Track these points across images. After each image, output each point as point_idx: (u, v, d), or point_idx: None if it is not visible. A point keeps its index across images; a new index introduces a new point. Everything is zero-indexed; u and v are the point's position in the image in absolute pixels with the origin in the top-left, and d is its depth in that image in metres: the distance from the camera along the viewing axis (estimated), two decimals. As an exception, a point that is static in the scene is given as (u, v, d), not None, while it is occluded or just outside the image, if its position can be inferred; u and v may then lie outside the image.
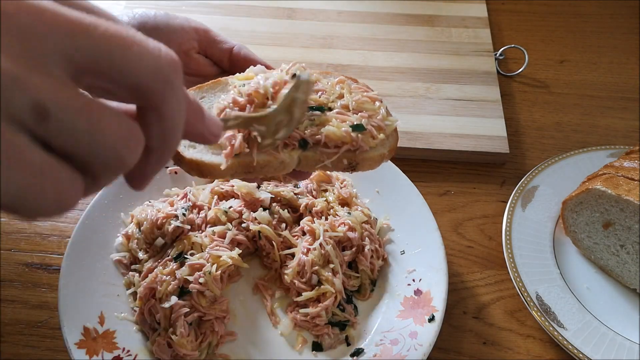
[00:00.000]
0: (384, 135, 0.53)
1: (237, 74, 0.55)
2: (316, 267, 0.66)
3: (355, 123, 0.51)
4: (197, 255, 0.65)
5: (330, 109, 0.53)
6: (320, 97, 0.54)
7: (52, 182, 0.26)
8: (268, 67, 0.58)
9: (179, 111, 0.30)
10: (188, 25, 0.59)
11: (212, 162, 0.48)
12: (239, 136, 0.48)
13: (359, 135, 0.51)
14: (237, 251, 0.67)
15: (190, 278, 0.63)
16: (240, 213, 0.70)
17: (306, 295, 0.65)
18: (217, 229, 0.68)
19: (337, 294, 0.65)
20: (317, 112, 0.52)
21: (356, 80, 0.57)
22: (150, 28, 0.58)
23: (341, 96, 0.54)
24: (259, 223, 0.69)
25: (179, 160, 0.49)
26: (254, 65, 0.57)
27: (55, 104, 0.25)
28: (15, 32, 0.24)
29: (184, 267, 0.64)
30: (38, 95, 0.24)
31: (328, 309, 0.65)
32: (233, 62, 0.60)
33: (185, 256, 0.65)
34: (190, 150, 0.48)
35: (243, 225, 0.69)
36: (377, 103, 0.55)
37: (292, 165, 0.51)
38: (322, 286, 0.65)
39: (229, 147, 0.48)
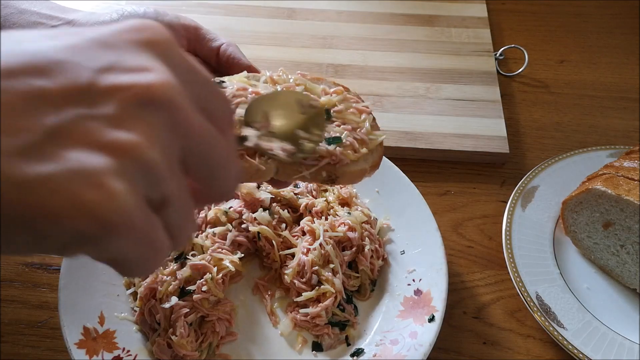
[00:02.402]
0: (366, 149, 0.52)
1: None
2: (316, 267, 0.66)
3: (332, 136, 0.50)
4: (198, 257, 0.65)
5: None
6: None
7: (161, 256, 0.29)
8: (252, 70, 0.57)
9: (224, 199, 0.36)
10: (177, 22, 0.59)
11: None
12: None
13: (338, 148, 0.50)
14: (238, 255, 0.67)
15: (193, 287, 0.63)
16: (240, 213, 0.70)
17: (306, 295, 0.65)
18: (218, 230, 0.68)
19: (337, 294, 0.65)
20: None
21: (347, 89, 0.56)
22: None
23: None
24: (259, 224, 0.69)
25: None
26: (239, 65, 0.57)
27: (176, 200, 0.29)
28: (159, 128, 0.27)
29: (185, 268, 0.64)
30: (168, 190, 0.28)
31: (328, 309, 0.65)
32: (219, 61, 0.60)
33: (187, 257, 0.65)
34: None
35: (243, 226, 0.69)
36: (364, 115, 0.54)
37: (269, 174, 0.50)
38: (322, 286, 0.65)
39: None
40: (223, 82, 0.54)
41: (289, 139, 0.47)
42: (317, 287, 0.65)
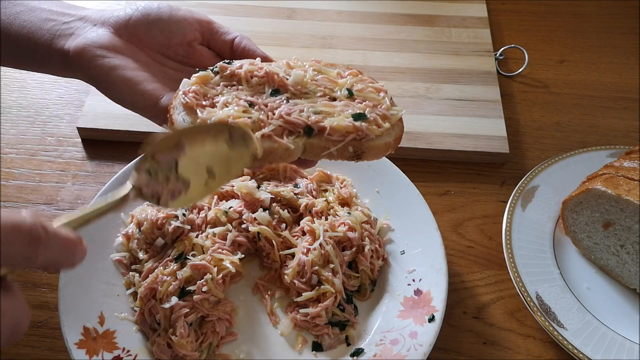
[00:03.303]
0: (389, 124, 0.53)
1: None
2: (316, 267, 0.66)
3: (357, 112, 0.52)
4: (199, 257, 0.65)
5: (334, 99, 0.54)
6: (324, 88, 0.55)
7: None
8: (267, 60, 0.59)
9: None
10: (191, 16, 0.60)
11: None
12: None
13: (363, 123, 0.51)
14: (238, 255, 0.67)
15: (193, 287, 0.63)
16: (240, 213, 0.70)
17: (306, 295, 0.65)
18: (218, 230, 0.68)
19: (337, 294, 0.65)
20: (324, 101, 0.54)
21: (361, 72, 0.58)
22: (153, 20, 0.58)
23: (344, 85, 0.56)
24: (259, 224, 0.69)
25: None
26: (253, 56, 0.59)
27: None
28: None
29: (185, 268, 0.64)
30: None
31: (328, 309, 0.65)
32: (234, 54, 0.61)
33: (187, 257, 0.65)
34: None
35: (243, 226, 0.69)
36: (382, 94, 0.55)
37: (297, 153, 0.51)
38: (322, 286, 0.65)
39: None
40: (231, 62, 0.55)
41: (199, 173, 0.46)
42: (317, 287, 0.65)
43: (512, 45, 0.99)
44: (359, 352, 0.64)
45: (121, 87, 0.55)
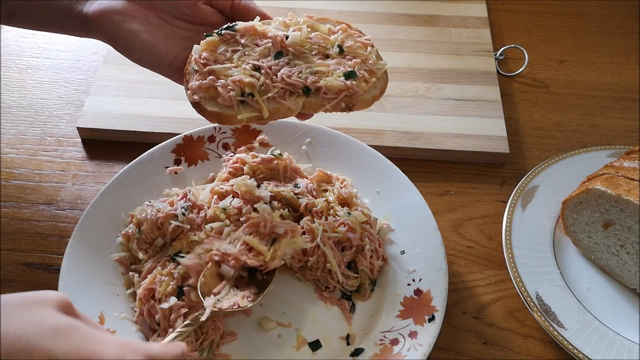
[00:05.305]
0: (375, 78, 0.60)
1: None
2: None
3: (348, 70, 0.59)
4: (191, 255, 0.65)
5: (327, 56, 0.61)
6: (318, 46, 0.61)
7: None
8: (265, 17, 0.64)
9: None
10: None
11: (229, 112, 0.57)
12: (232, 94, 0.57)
13: (353, 82, 0.58)
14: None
15: (190, 281, 0.63)
16: (240, 209, 0.69)
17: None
18: (215, 225, 0.68)
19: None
20: (318, 61, 0.60)
21: (350, 26, 0.64)
22: None
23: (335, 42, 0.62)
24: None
25: (202, 111, 0.57)
26: (253, 13, 0.64)
27: None
28: None
29: (180, 266, 0.64)
30: None
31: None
32: (234, 11, 0.65)
33: (181, 255, 0.65)
34: (210, 103, 0.57)
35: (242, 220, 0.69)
36: (369, 48, 0.62)
37: (297, 111, 0.59)
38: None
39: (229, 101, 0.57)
40: (235, 24, 0.61)
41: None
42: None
43: (512, 45, 0.99)
44: (358, 352, 0.64)
45: (139, 50, 0.60)
